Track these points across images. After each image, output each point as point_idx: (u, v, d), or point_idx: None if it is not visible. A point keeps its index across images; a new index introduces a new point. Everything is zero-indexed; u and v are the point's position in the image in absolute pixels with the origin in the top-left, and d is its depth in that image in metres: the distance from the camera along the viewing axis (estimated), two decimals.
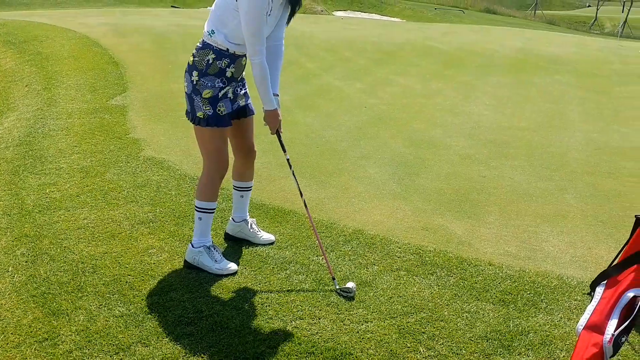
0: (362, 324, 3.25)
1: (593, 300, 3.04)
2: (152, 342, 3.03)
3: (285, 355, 2.96)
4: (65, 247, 3.92)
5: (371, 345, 3.07)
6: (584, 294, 3.68)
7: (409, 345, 3.10)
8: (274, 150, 5.81)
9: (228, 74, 3.53)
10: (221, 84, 3.52)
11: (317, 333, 3.14)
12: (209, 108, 3.51)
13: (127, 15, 15.78)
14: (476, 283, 3.74)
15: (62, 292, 3.43)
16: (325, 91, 9.10)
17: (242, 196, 4.04)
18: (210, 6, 3.69)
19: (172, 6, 25.55)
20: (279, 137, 3.73)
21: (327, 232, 4.30)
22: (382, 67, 11.60)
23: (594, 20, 39.70)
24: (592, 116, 8.43)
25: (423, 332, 3.21)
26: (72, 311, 3.26)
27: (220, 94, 3.52)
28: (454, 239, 4.34)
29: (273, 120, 3.62)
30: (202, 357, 2.93)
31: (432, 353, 3.05)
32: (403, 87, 9.83)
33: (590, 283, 3.27)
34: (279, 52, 3.65)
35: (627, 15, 35.10)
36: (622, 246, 3.53)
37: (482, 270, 3.89)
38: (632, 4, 38.31)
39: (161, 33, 12.10)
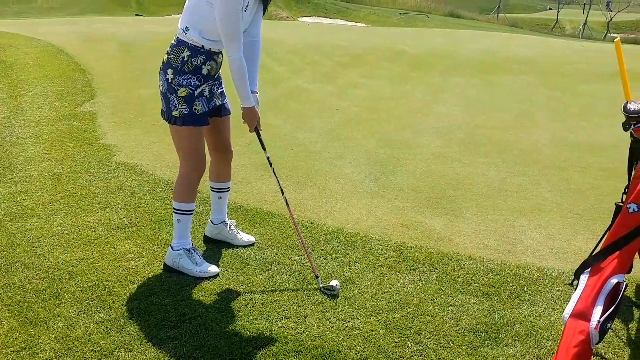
0: (349, 321, 3.22)
1: (578, 288, 3.05)
2: (135, 347, 2.95)
3: (273, 355, 2.91)
4: (39, 254, 3.81)
5: (359, 342, 3.04)
6: (565, 284, 3.71)
7: (396, 340, 3.08)
8: (250, 152, 5.77)
9: (204, 72, 3.48)
10: (197, 82, 3.46)
11: (303, 332, 3.10)
12: (184, 106, 3.45)
13: (93, 24, 15.54)
14: (459, 277, 3.74)
15: (39, 300, 3.33)
16: (295, 94, 9.07)
17: (220, 197, 3.98)
18: (176, 14, 3.63)
19: (136, 14, 25.27)
20: (258, 135, 3.68)
21: (307, 231, 4.27)
22: (351, 70, 11.62)
23: (555, 23, 40.46)
24: (559, 114, 8.56)
25: (410, 327, 3.19)
26: (50, 319, 3.16)
27: (196, 92, 3.46)
28: (434, 235, 4.34)
29: (251, 117, 3.57)
30: None
31: (420, 347, 3.03)
32: (373, 90, 9.85)
33: (574, 271, 3.29)
34: (256, 49, 3.61)
35: (586, 17, 35.94)
36: (601, 236, 3.58)
37: (464, 265, 3.90)
38: (590, 6, 39.24)
39: (128, 40, 11.94)
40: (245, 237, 4.04)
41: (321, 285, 3.52)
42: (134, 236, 4.11)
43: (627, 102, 3.13)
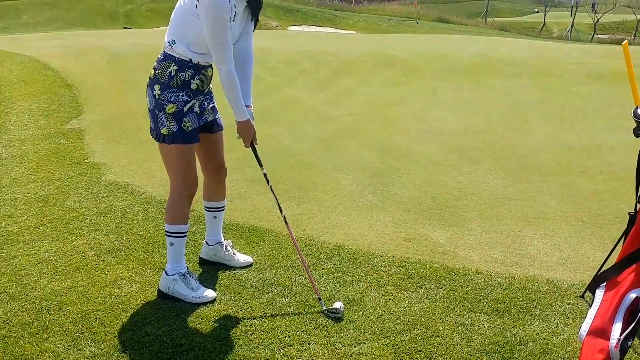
0: (355, 347, 3.05)
1: (594, 303, 2.91)
2: None
3: None
4: (26, 284, 3.62)
5: None
6: (576, 297, 3.56)
7: None
8: (244, 166, 5.61)
9: (193, 86, 3.31)
10: (186, 97, 3.29)
11: None
12: (173, 124, 3.28)
13: (80, 38, 15.36)
14: (467, 293, 3.59)
15: (25, 334, 3.14)
16: (288, 104, 8.92)
17: (214, 217, 3.81)
18: (164, 26, 3.47)
19: (123, 27, 25.10)
20: (254, 150, 3.52)
21: (307, 249, 4.10)
22: (344, 77, 11.50)
23: (543, 26, 40.61)
24: (554, 116, 8.45)
25: (420, 351, 3.03)
26: (37, 355, 2.97)
27: (185, 108, 3.30)
28: (438, 249, 4.19)
29: (246, 132, 3.41)
30: None
31: None
32: (366, 97, 9.72)
33: (587, 286, 3.15)
34: (248, 61, 3.45)
35: (573, 20, 36.05)
36: (613, 246, 3.43)
37: (471, 280, 3.75)
38: (577, 8, 39.40)
39: (115, 53, 11.77)
40: (243, 258, 3.87)
41: (324, 308, 3.35)
42: (125, 260, 3.93)
43: (636, 107, 2.99)
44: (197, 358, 2.93)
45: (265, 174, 3.58)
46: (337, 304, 3.34)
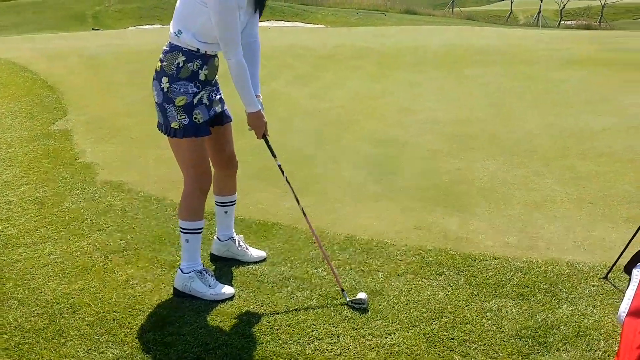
0: (386, 337, 2.97)
1: (631, 284, 2.87)
2: None
3: None
4: (33, 288, 3.47)
5: None
6: (599, 278, 3.54)
7: (441, 354, 2.85)
8: (241, 161, 5.45)
9: (201, 77, 3.20)
10: (195, 89, 3.18)
11: (340, 353, 2.85)
12: (184, 117, 3.16)
13: (51, 41, 14.97)
14: (488, 279, 3.54)
15: (41, 339, 3.00)
16: (274, 98, 8.77)
17: (226, 212, 3.70)
18: (133, 26, 3.33)
19: (93, 29, 24.61)
20: (267, 141, 3.42)
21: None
22: (323, 71, 11.37)
23: (510, 14, 41.02)
24: (537, 103, 8.44)
25: (452, 339, 2.96)
26: None
27: (195, 100, 3.18)
28: (451, 235, 4.13)
29: (258, 123, 3.30)
30: None
31: None
32: (349, 90, 9.62)
33: (624, 267, 3.12)
34: (255, 50, 3.35)
35: (540, 6, 36.47)
36: (637, 227, 3.40)
37: (490, 265, 3.70)
38: None
39: (92, 54, 11.48)
40: (256, 253, 3.76)
41: (348, 300, 3.27)
42: (134, 260, 3.79)
43: None
44: (225, 356, 2.83)
45: (279, 165, 3.48)
46: (361, 295, 3.26)
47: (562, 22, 37.84)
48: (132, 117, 7.21)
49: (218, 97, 3.37)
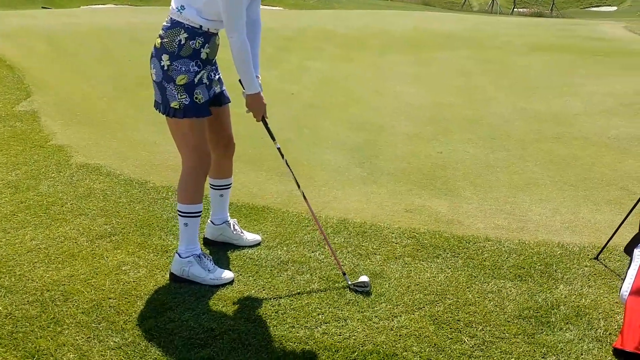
0: (392, 320, 2.96)
1: (633, 263, 2.93)
2: None
3: None
4: (20, 274, 3.31)
5: (412, 342, 2.79)
6: (590, 259, 3.60)
7: (450, 336, 2.85)
8: None
9: (203, 56, 3.10)
10: (196, 68, 3.08)
11: (350, 337, 2.82)
12: (185, 96, 3.06)
13: (3, 18, 14.33)
14: (485, 261, 3.56)
15: (35, 328, 2.86)
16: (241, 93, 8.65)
17: (221, 195, 3.61)
18: (85, 5, 3.20)
19: (42, 7, 23.72)
20: (265, 123, 3.34)
21: (311, 225, 3.96)
22: (291, 53, 11.25)
23: (465, 1, 41.42)
24: (509, 86, 8.56)
25: (458, 320, 2.97)
26: (55, 350, 2.72)
27: (195, 80, 3.08)
28: (442, 218, 4.15)
29: (258, 104, 3.23)
30: None
31: (477, 341, 2.82)
32: (319, 72, 9.56)
33: (624, 247, 3.18)
34: (257, 29, 3.27)
35: None
36: (631, 208, 3.47)
37: (484, 247, 3.73)
38: None
39: (49, 34, 11.00)
40: (251, 237, 3.69)
41: (350, 283, 3.24)
42: (123, 245, 3.67)
43: None
44: (233, 342, 2.76)
45: (279, 148, 3.42)
46: (363, 278, 3.24)
47: (516, 9, 38.45)
48: (102, 99, 6.99)
49: (217, 77, 3.28)
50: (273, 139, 3.38)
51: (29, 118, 6.12)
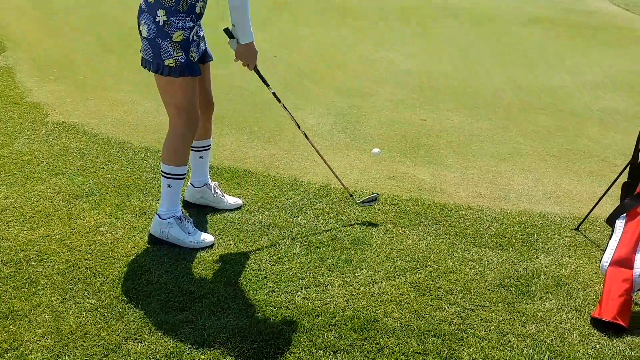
0: (373, 286, 2.95)
1: (614, 234, 2.93)
2: (145, 336, 2.54)
3: (307, 331, 2.59)
4: None
5: (393, 308, 2.78)
6: (571, 229, 3.61)
7: (430, 303, 2.85)
8: None
9: (197, 10, 3.01)
10: (191, 23, 3.00)
11: (330, 302, 2.80)
12: (181, 54, 2.96)
13: None
14: (466, 229, 3.55)
15: (9, 288, 2.81)
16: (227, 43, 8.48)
17: (201, 157, 3.54)
18: None
19: None
20: (258, 71, 3.33)
21: (293, 190, 3.92)
22: (280, 15, 11.00)
23: None
24: (503, 58, 8.44)
25: (439, 287, 2.97)
26: (29, 311, 2.67)
27: (190, 36, 3.00)
28: (424, 186, 4.12)
29: (252, 54, 3.20)
30: (214, 347, 2.49)
31: (458, 308, 2.82)
32: (311, 37, 9.34)
33: (606, 219, 3.17)
34: None
35: None
36: (612, 181, 3.46)
37: (466, 215, 3.72)
38: None
39: None
40: (232, 200, 3.64)
41: (358, 201, 3.63)
42: (100, 206, 3.59)
43: None
44: (212, 305, 2.73)
45: (274, 93, 3.50)
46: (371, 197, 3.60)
47: None
48: (82, 56, 6.77)
49: (202, 33, 3.18)
50: (267, 85, 3.38)
51: (3, 74, 5.95)
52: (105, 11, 9.49)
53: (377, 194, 3.69)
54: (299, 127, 3.55)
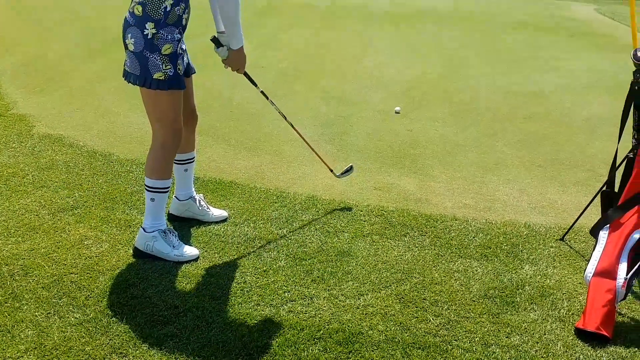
0: (359, 298, 2.95)
1: (598, 245, 2.95)
2: (129, 350, 2.53)
3: (292, 345, 2.59)
4: None
5: (378, 321, 2.78)
6: (556, 240, 3.63)
7: (415, 315, 2.85)
8: None
9: (183, 22, 3.02)
10: (178, 36, 3.01)
11: (315, 315, 2.80)
12: (169, 67, 2.96)
13: None
14: (452, 240, 3.57)
15: None
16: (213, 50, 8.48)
17: (186, 170, 3.53)
18: None
19: None
20: (246, 74, 3.41)
21: (279, 202, 3.92)
22: (267, 20, 11.04)
23: None
24: (487, 61, 8.50)
25: (424, 299, 2.97)
26: (12, 326, 2.65)
27: (178, 49, 3.00)
28: (410, 197, 4.14)
29: (242, 59, 3.27)
30: None
31: (443, 320, 2.82)
32: (294, 43, 9.39)
33: (590, 230, 3.19)
34: None
35: None
36: (597, 191, 3.48)
37: (451, 226, 3.73)
38: None
39: None
40: (217, 212, 3.63)
41: (338, 174, 3.98)
42: (85, 219, 3.58)
43: (636, 50, 3.01)
44: (197, 319, 2.72)
45: (262, 92, 3.61)
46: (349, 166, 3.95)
47: None
48: (66, 64, 6.79)
49: (184, 46, 3.19)
50: (255, 84, 3.47)
51: None
52: (88, 12, 9.48)
53: (352, 165, 4.11)
54: (285, 118, 3.80)
